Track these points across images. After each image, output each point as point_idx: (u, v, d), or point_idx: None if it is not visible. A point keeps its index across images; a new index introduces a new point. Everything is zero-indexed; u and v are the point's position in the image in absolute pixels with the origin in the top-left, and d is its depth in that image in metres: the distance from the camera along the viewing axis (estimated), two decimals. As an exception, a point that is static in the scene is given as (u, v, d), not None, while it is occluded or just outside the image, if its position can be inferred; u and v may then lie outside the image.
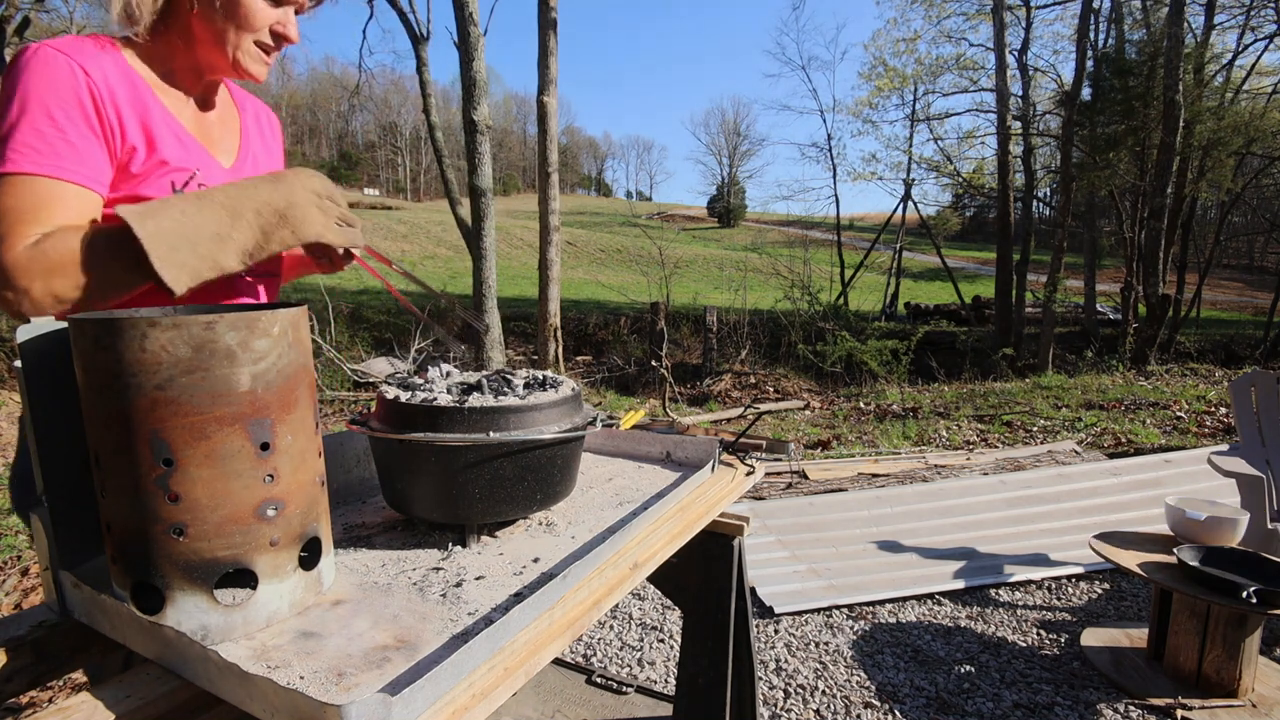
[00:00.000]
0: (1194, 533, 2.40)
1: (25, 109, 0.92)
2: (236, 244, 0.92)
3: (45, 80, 0.93)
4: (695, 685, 1.59)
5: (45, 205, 0.91)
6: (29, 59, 0.94)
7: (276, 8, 1.06)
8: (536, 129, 8.19)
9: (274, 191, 0.95)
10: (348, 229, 1.03)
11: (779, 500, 3.82)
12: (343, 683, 0.74)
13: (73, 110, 0.93)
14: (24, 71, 0.93)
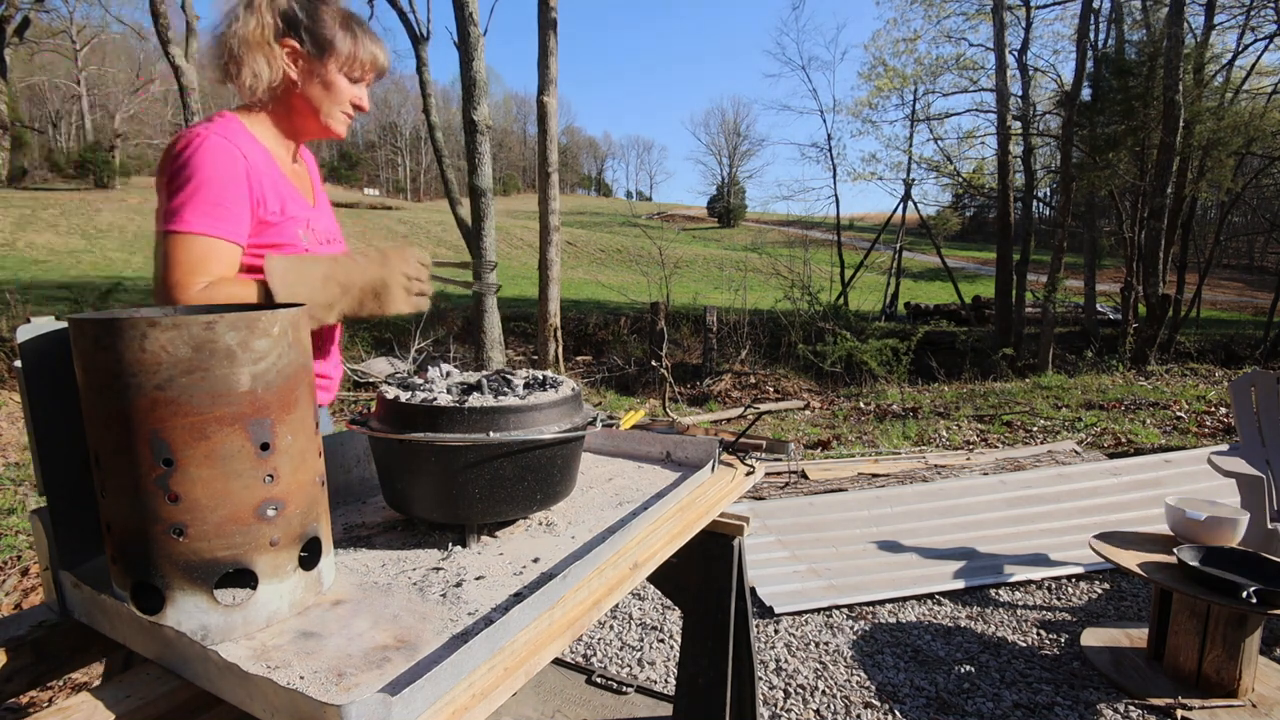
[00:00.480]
0: (1194, 533, 2.40)
1: (201, 184, 1.23)
2: (339, 310, 1.27)
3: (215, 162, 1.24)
4: (695, 685, 1.59)
5: (207, 258, 1.24)
6: (201, 144, 1.24)
7: (354, 85, 1.41)
8: (536, 129, 8.19)
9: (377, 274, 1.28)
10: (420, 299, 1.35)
11: (779, 500, 3.82)
12: (343, 683, 0.74)
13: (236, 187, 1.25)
14: (198, 153, 1.23)
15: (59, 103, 41.61)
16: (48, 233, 20.30)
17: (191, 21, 7.78)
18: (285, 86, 1.36)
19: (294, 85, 1.37)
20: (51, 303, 10.58)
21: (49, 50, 34.87)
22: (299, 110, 1.40)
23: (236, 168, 1.26)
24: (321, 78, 1.37)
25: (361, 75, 1.42)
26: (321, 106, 1.39)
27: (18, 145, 30.04)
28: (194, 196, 1.24)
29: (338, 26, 1.37)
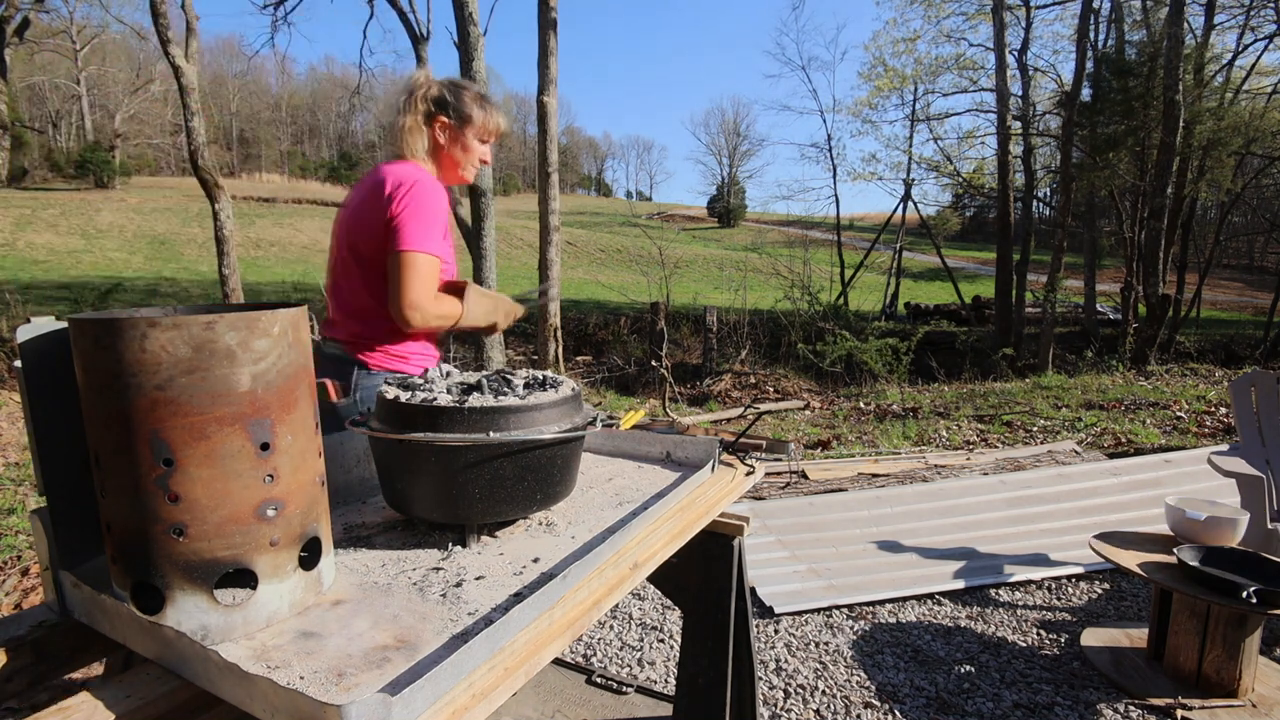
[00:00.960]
0: (1194, 533, 2.40)
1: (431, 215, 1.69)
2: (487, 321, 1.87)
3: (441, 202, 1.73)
4: (695, 685, 1.59)
5: (434, 274, 1.71)
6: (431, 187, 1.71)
7: (483, 145, 1.92)
8: (536, 129, 8.19)
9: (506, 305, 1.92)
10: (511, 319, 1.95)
11: (779, 500, 3.82)
12: (343, 683, 0.74)
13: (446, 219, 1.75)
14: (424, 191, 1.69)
15: (59, 103, 41.60)
16: (48, 233, 20.31)
17: (191, 21, 7.77)
18: (435, 148, 1.87)
19: (442, 148, 1.87)
20: (51, 303, 10.58)
21: (49, 50, 34.89)
22: (445, 165, 1.90)
23: (445, 204, 1.73)
24: (462, 142, 1.88)
25: (488, 138, 1.93)
26: (461, 162, 1.91)
27: (18, 145, 30.04)
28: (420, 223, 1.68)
29: (475, 105, 1.88)
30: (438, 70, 2.04)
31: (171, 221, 23.59)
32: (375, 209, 1.69)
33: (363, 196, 1.75)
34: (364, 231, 1.72)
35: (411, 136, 1.83)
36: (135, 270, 16.89)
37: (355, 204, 1.78)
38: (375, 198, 1.70)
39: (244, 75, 56.29)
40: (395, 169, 1.72)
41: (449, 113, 1.85)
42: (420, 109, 1.83)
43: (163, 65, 31.50)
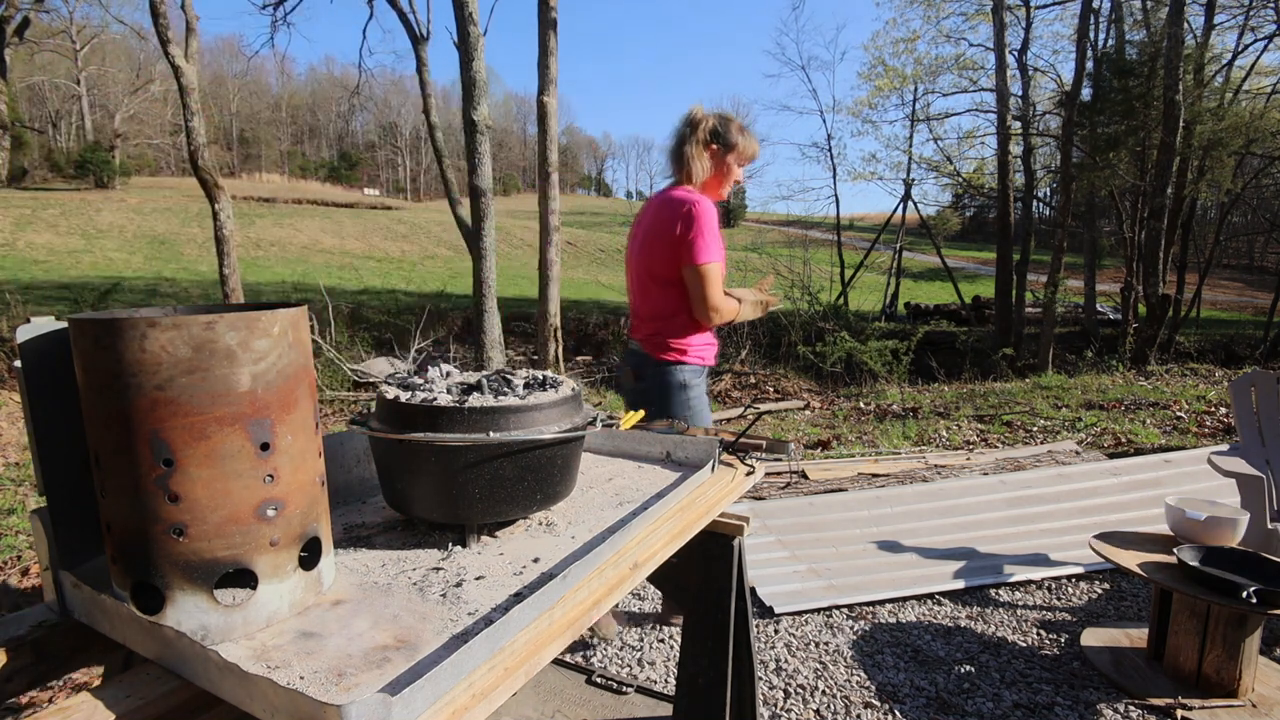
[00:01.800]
0: (1194, 533, 2.40)
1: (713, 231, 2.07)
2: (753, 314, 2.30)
3: (715, 217, 2.10)
4: (695, 685, 1.59)
5: (721, 277, 2.09)
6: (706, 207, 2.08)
7: (740, 169, 2.28)
8: (536, 129, 8.19)
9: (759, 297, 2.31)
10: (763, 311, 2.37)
11: (779, 500, 3.82)
12: (343, 683, 0.74)
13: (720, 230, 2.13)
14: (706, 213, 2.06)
15: (59, 103, 41.60)
16: (48, 233, 20.31)
17: (191, 22, 7.77)
18: (706, 171, 2.22)
19: (711, 171, 2.23)
20: (51, 303, 10.59)
21: (49, 50, 34.89)
22: (710, 186, 2.25)
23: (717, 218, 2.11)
24: (727, 167, 2.25)
25: (745, 162, 2.30)
26: (724, 182, 2.27)
27: (18, 145, 30.02)
28: (712, 240, 2.07)
29: (739, 135, 2.24)
30: (437, 70, 2.11)
31: (171, 221, 23.59)
32: (667, 234, 2.09)
33: (651, 224, 2.16)
34: (657, 256, 2.13)
35: (691, 163, 2.19)
36: (135, 270, 16.90)
37: (645, 232, 2.19)
38: (665, 225, 2.09)
39: (244, 75, 56.33)
40: (675, 196, 2.12)
41: (718, 142, 2.20)
42: (699, 139, 2.19)
43: (163, 65, 31.50)
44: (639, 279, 2.22)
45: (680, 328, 2.16)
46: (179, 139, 35.21)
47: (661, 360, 2.18)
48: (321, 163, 63.10)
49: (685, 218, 2.04)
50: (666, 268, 2.11)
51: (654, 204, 2.21)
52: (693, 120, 2.20)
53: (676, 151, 2.22)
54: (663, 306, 2.16)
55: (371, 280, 18.45)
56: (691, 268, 2.05)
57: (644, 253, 2.17)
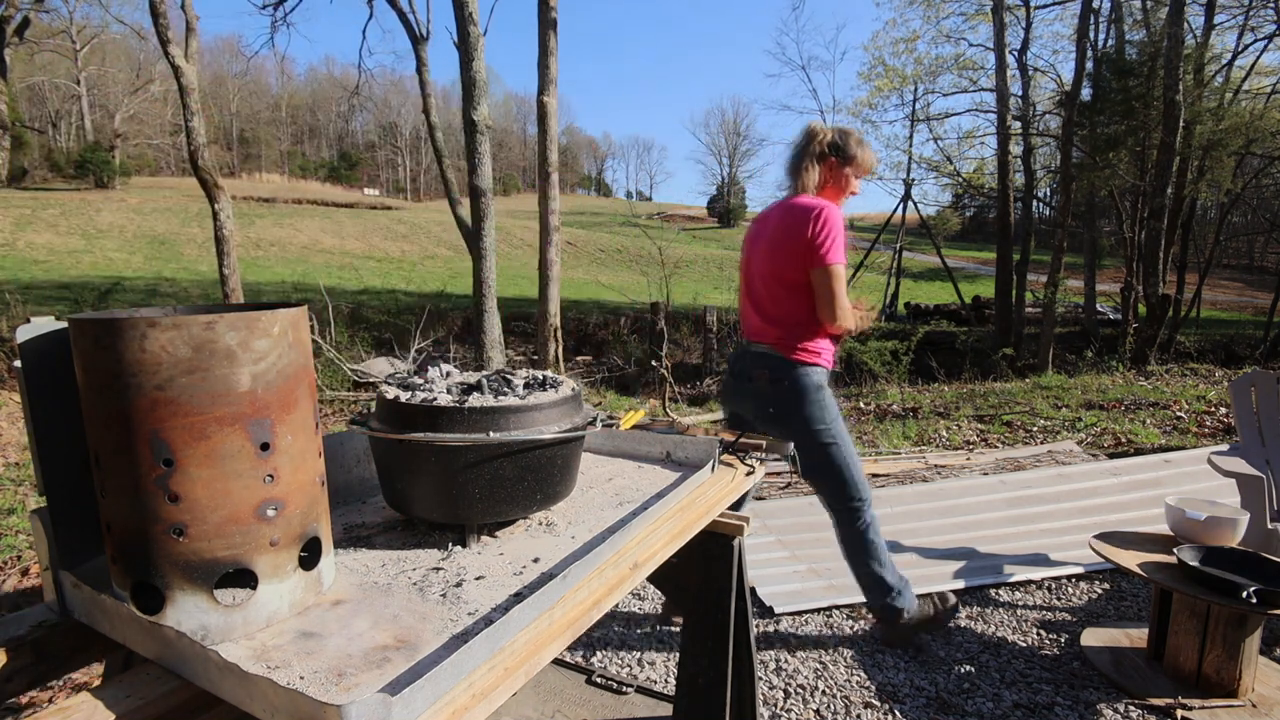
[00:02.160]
0: (1194, 533, 2.40)
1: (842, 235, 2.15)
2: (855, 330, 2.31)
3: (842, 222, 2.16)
4: (695, 685, 1.59)
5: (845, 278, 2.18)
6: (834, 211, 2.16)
7: (858, 180, 2.35)
8: (536, 129, 8.18)
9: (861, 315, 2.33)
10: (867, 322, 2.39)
11: (779, 500, 3.82)
12: (343, 683, 0.74)
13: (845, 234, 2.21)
14: (834, 217, 2.14)
15: (59, 103, 41.60)
16: (48, 233, 20.31)
17: (191, 21, 7.77)
18: (824, 183, 2.31)
19: (829, 182, 2.32)
20: (51, 303, 10.59)
21: (49, 50, 34.88)
22: (829, 195, 2.33)
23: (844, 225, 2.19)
24: (845, 178, 2.32)
25: (862, 175, 2.35)
26: (840, 195, 2.35)
27: (18, 145, 30.01)
28: (839, 243, 2.14)
29: (857, 147, 2.31)
30: (437, 70, 2.10)
31: (171, 221, 23.59)
32: (797, 238, 2.16)
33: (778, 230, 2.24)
34: (787, 260, 2.20)
35: (808, 175, 2.27)
36: (135, 270, 16.89)
37: (771, 237, 2.26)
38: (795, 230, 2.16)
39: (244, 75, 56.33)
40: (803, 202, 2.19)
41: (837, 154, 2.29)
42: (817, 152, 2.28)
43: (162, 65, 31.49)
44: (766, 283, 2.28)
45: (812, 331, 2.23)
46: (179, 139, 35.21)
47: (798, 362, 2.23)
48: (321, 163, 63.11)
49: (815, 221, 2.12)
50: (796, 271, 2.18)
51: (778, 211, 2.29)
52: (811, 133, 2.30)
53: (795, 164, 2.31)
54: (793, 310, 2.23)
55: (371, 280, 18.45)
56: (821, 269, 2.13)
57: (772, 257, 2.24)
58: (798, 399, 2.24)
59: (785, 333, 2.24)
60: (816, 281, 2.15)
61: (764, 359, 2.28)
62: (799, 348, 2.23)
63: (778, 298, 2.25)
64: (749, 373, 2.32)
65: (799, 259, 2.16)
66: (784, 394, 2.24)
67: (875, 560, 2.40)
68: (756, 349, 2.32)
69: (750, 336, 2.38)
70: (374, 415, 1.18)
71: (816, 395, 2.25)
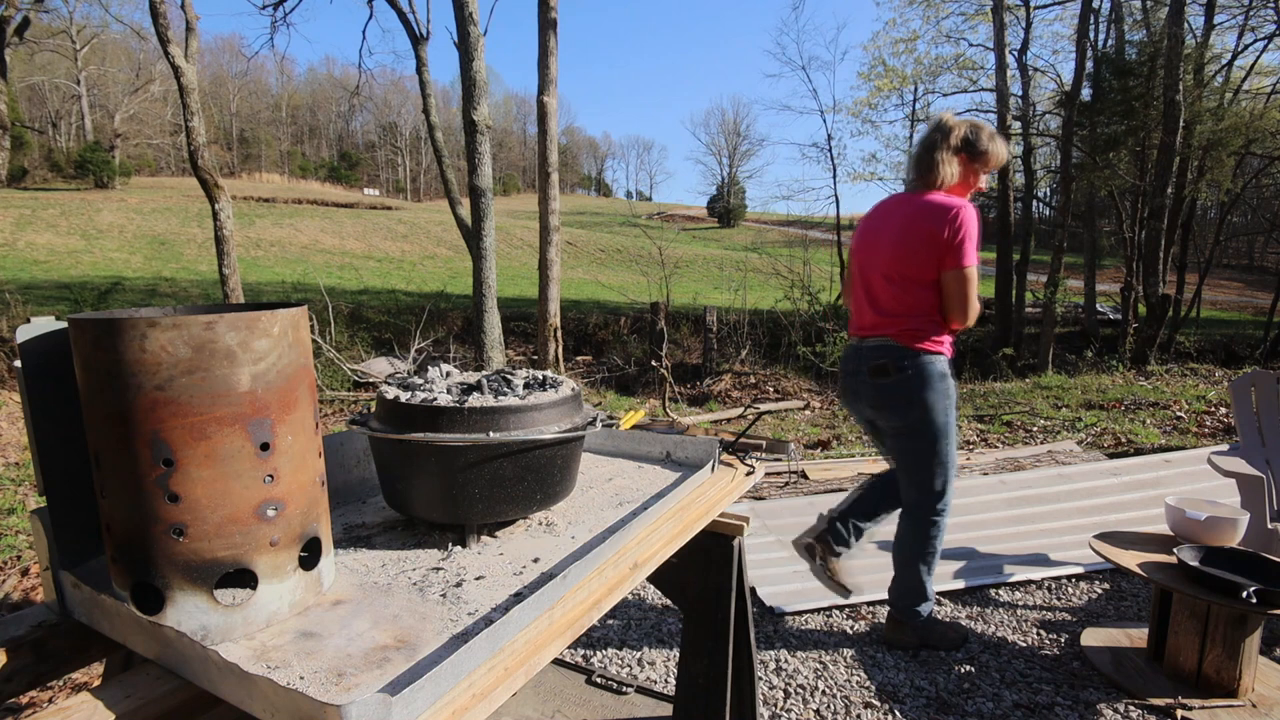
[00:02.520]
0: (1194, 533, 2.40)
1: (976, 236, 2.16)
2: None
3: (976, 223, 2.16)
4: (695, 685, 1.59)
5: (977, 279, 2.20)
6: (970, 212, 2.15)
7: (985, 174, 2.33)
8: (536, 129, 8.19)
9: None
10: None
11: (779, 500, 3.82)
12: (343, 683, 0.74)
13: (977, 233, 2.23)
14: (970, 218, 2.15)
15: (59, 103, 41.60)
16: (48, 233, 20.31)
17: (191, 21, 7.77)
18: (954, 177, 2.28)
19: (959, 177, 2.29)
20: (51, 303, 10.58)
21: (49, 50, 34.88)
22: (955, 191, 2.30)
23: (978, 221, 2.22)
24: (975, 173, 2.30)
25: (992, 169, 2.34)
26: (968, 189, 2.32)
27: (18, 145, 30.02)
28: (971, 243, 2.15)
29: (989, 142, 2.28)
30: (437, 70, 2.08)
31: (171, 221, 23.59)
32: (931, 237, 2.16)
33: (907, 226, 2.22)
34: (917, 258, 2.20)
35: (940, 169, 2.25)
36: (135, 270, 16.89)
37: (898, 232, 2.24)
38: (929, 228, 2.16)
39: (244, 75, 56.33)
40: (938, 201, 2.19)
41: (969, 150, 2.27)
42: (951, 145, 2.26)
43: (162, 65, 31.52)
44: (890, 279, 2.27)
45: (934, 324, 2.25)
46: (179, 139, 35.22)
47: (922, 350, 2.24)
48: (321, 163, 63.12)
49: (952, 222, 2.13)
50: (925, 269, 2.19)
51: (905, 205, 2.27)
52: (944, 127, 2.28)
53: (925, 157, 2.27)
54: (917, 304, 2.23)
55: (371, 280, 18.45)
56: (957, 271, 2.15)
57: (899, 252, 2.23)
58: (921, 385, 2.25)
59: (909, 325, 2.25)
60: (949, 281, 2.18)
61: (884, 350, 2.29)
62: (926, 337, 2.25)
63: (901, 293, 2.26)
64: (864, 367, 2.34)
65: (931, 258, 2.17)
66: (907, 381, 2.25)
67: (926, 567, 2.44)
68: (872, 343, 2.33)
69: (864, 332, 2.38)
70: (374, 415, 1.18)
71: (941, 384, 2.27)
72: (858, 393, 2.41)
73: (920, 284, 2.22)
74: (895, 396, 2.29)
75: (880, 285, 2.31)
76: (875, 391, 2.33)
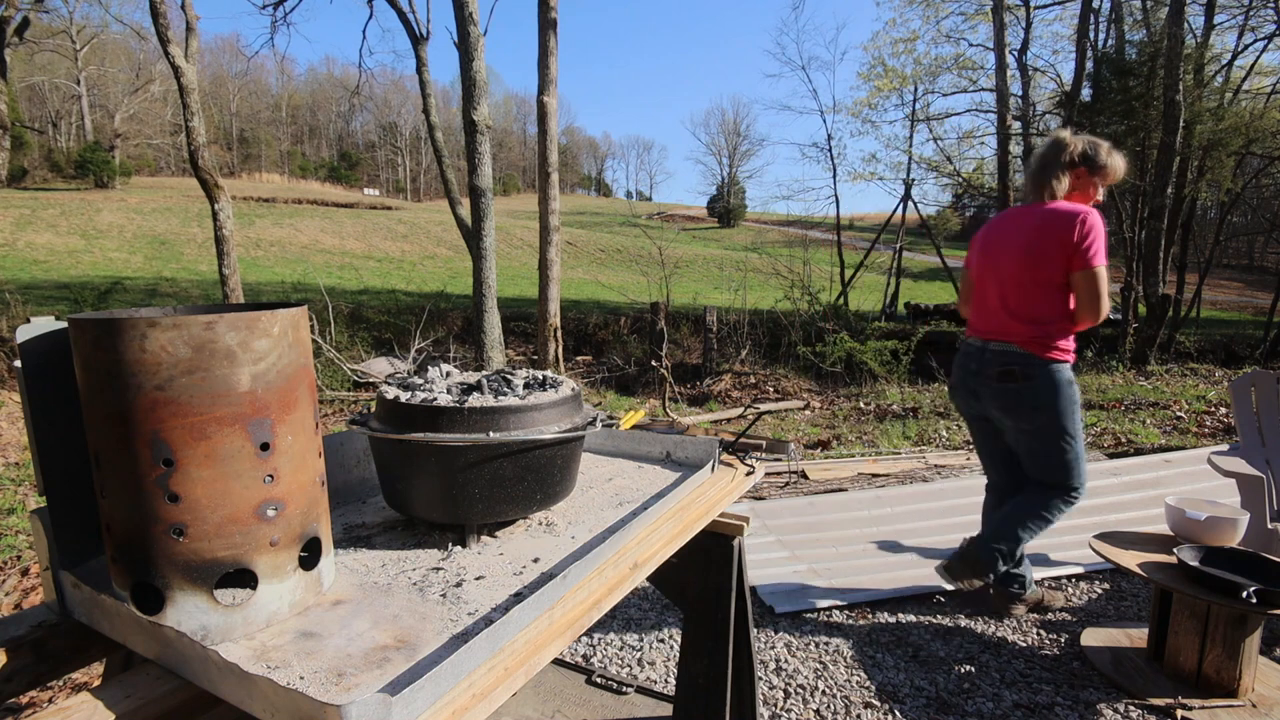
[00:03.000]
0: (1194, 533, 2.40)
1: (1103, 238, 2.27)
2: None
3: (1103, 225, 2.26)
4: (695, 685, 1.59)
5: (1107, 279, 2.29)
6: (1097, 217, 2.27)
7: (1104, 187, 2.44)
8: (536, 129, 8.19)
9: None
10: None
11: (779, 500, 3.82)
12: (343, 683, 0.74)
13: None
14: (1098, 222, 2.26)
15: (59, 103, 41.58)
16: (48, 233, 20.30)
17: (191, 21, 7.77)
18: (1070, 191, 2.40)
19: (1075, 191, 2.41)
20: (51, 303, 10.58)
21: (49, 50, 34.88)
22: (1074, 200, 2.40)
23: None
24: (1092, 185, 2.40)
25: (1109, 182, 2.42)
26: (1087, 200, 2.42)
27: (18, 145, 30.01)
28: (1100, 245, 2.26)
29: (1107, 157, 2.39)
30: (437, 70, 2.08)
31: (171, 221, 23.59)
32: (1063, 242, 2.27)
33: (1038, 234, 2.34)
34: (1048, 263, 2.31)
35: (1057, 183, 2.38)
36: (135, 270, 16.89)
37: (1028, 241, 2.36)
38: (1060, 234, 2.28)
39: (244, 75, 56.33)
40: (1065, 209, 2.31)
41: (1087, 164, 2.39)
42: (1067, 161, 2.38)
43: (163, 65, 31.52)
44: (1019, 284, 2.39)
45: (1062, 330, 2.37)
46: (179, 139, 35.20)
47: (1050, 359, 2.36)
48: (321, 163, 63.12)
49: (1080, 226, 2.25)
50: (1056, 272, 2.31)
51: (1030, 215, 2.40)
52: (1061, 144, 2.41)
53: (1041, 172, 2.41)
54: (1048, 309, 2.35)
55: (371, 280, 18.45)
56: (1086, 271, 2.26)
57: (1030, 258, 2.35)
58: (1049, 392, 2.38)
59: (1040, 331, 2.37)
60: (1080, 282, 2.28)
61: (1012, 356, 2.41)
62: (1054, 345, 2.36)
63: (1031, 298, 2.37)
64: (988, 369, 2.48)
65: (1062, 262, 2.29)
66: (1035, 388, 2.38)
67: (1030, 536, 2.54)
68: (997, 347, 2.46)
69: (989, 335, 2.51)
70: (374, 415, 1.18)
71: (1068, 390, 2.39)
72: (977, 392, 2.55)
73: (1051, 287, 2.34)
74: (1023, 401, 2.42)
75: (1011, 290, 2.43)
76: (1001, 395, 2.46)
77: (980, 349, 2.53)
